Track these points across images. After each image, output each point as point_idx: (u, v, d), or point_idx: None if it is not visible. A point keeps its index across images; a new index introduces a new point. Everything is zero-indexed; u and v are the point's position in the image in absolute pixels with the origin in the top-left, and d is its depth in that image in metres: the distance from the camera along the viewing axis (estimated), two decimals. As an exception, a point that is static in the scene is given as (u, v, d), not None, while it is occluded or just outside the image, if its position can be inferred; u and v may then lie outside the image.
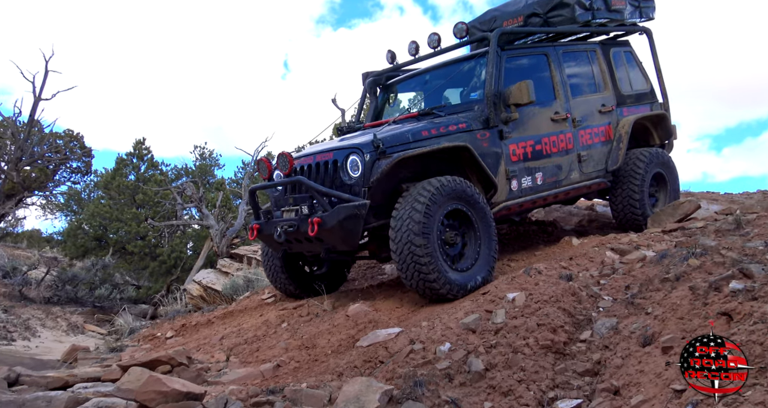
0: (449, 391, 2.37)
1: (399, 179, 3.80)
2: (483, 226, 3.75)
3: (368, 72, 5.32)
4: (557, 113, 4.56)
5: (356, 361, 2.94)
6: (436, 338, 2.86)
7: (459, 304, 3.35)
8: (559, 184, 4.53)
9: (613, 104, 5.03)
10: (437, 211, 3.48)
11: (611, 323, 2.53)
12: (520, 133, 4.27)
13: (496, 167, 4.09)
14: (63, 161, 10.74)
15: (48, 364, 3.61)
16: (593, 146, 4.80)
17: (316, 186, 3.63)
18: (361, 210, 3.49)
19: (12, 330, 4.83)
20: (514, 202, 4.22)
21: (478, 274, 3.65)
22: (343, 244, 3.70)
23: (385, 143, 3.65)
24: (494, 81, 4.15)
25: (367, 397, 2.27)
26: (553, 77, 4.66)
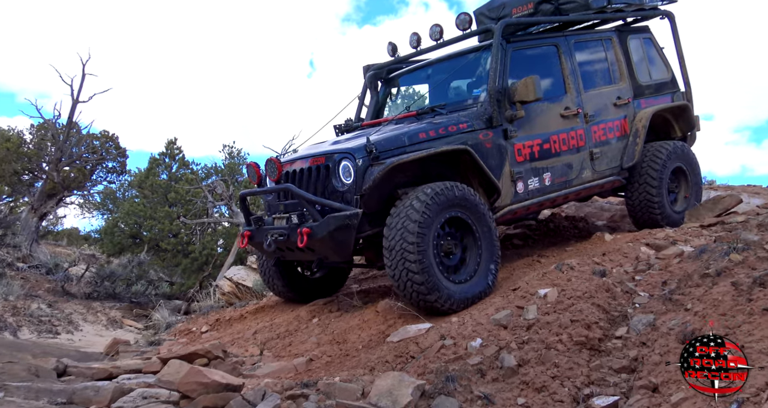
0: (481, 387, 2.37)
1: (395, 185, 3.58)
2: (484, 235, 3.52)
3: (369, 65, 5.06)
4: (567, 109, 4.25)
5: (387, 356, 2.96)
6: (467, 334, 2.86)
7: (489, 300, 3.34)
8: (570, 184, 4.27)
9: (630, 96, 4.71)
10: (434, 221, 3.27)
11: (648, 320, 2.48)
12: (527, 132, 4.00)
13: (500, 169, 3.84)
14: (99, 161, 11.14)
15: (92, 356, 3.76)
16: (607, 142, 4.49)
17: (304, 194, 3.44)
18: (353, 220, 3.29)
19: (56, 324, 5.04)
20: (519, 206, 3.98)
21: (477, 285, 3.44)
22: (335, 255, 3.53)
23: (379, 147, 3.42)
24: (498, 77, 3.88)
25: (400, 392, 2.29)
26: (564, 70, 4.34)
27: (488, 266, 3.51)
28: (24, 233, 8.51)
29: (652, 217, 4.59)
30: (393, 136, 3.60)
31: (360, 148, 3.42)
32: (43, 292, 6.30)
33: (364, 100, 5.04)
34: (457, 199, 3.41)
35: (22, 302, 5.14)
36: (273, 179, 3.69)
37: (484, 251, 3.51)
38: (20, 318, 4.72)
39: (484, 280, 3.48)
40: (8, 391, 2.24)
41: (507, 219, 4.06)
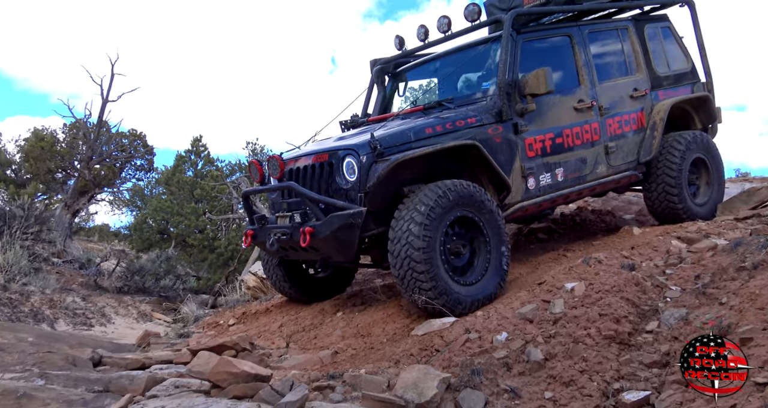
0: (508, 380, 2.36)
1: (401, 182, 3.46)
2: (493, 235, 3.39)
3: (376, 59, 4.92)
4: (581, 101, 4.10)
5: (412, 349, 2.97)
6: (492, 328, 2.85)
7: (515, 294, 3.31)
8: (584, 180, 4.11)
9: (647, 87, 4.53)
10: (440, 221, 3.15)
11: (680, 314, 2.42)
12: (538, 126, 3.86)
13: (510, 165, 3.70)
14: (128, 159, 11.45)
15: (124, 347, 3.88)
16: (623, 136, 4.33)
17: (307, 192, 3.33)
18: (357, 219, 3.18)
19: (90, 316, 5.21)
20: (531, 202, 3.83)
21: (486, 287, 3.31)
22: (339, 255, 3.42)
23: (384, 144, 3.30)
24: (508, 69, 3.74)
25: (426, 384, 2.29)
26: (577, 61, 4.19)
27: (498, 267, 3.39)
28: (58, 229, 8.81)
29: (673, 211, 4.41)
30: (398, 131, 3.47)
31: (364, 144, 3.30)
32: (77, 286, 6.52)
33: (371, 96, 4.94)
34: (465, 198, 3.28)
35: (58, 295, 5.33)
36: (275, 177, 3.60)
37: (493, 251, 3.39)
38: (57, 310, 4.90)
39: (495, 282, 3.37)
40: (49, 379, 2.33)
41: (518, 216, 3.92)
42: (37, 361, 2.68)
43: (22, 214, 6.60)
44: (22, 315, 4.33)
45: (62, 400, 2.07)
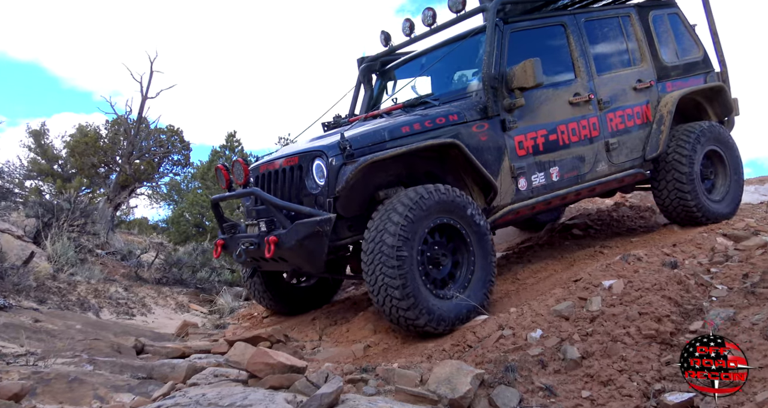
0: (543, 378, 2.32)
1: (377, 185, 3.23)
2: (478, 243, 3.15)
3: (363, 57, 4.66)
4: (577, 95, 3.82)
5: (444, 345, 2.96)
6: (526, 325, 2.82)
7: (549, 291, 3.25)
8: (582, 179, 3.82)
9: (653, 79, 4.22)
10: (417, 229, 2.91)
11: (727, 314, 2.32)
12: (529, 122, 3.60)
13: (498, 164, 3.44)
14: (166, 154, 11.82)
15: (164, 336, 4.02)
16: (626, 131, 4.04)
17: (271, 199, 3.11)
18: (324, 226, 2.92)
19: (132, 306, 5.41)
20: (522, 205, 3.56)
21: (469, 301, 3.07)
22: (307, 266, 3.17)
23: (355, 144, 3.06)
24: (494, 62, 3.49)
25: (459, 380, 2.28)
26: (572, 52, 3.91)
27: (483, 278, 3.14)
28: (101, 222, 9.18)
29: (687, 210, 4.07)
30: (371, 131, 3.21)
31: (333, 145, 3.06)
32: (120, 276, 6.78)
33: (358, 95, 4.68)
34: (446, 204, 3.04)
35: (102, 285, 5.56)
36: (240, 183, 3.34)
37: (477, 262, 3.14)
38: (101, 300, 5.11)
39: (479, 295, 3.11)
40: (96, 364, 2.44)
41: (509, 220, 3.67)
42: (85, 347, 2.81)
43: (68, 207, 6.91)
44: (70, 303, 4.54)
45: (109, 385, 2.17)
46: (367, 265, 2.88)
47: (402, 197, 2.98)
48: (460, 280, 3.12)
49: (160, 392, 2.07)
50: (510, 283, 4.00)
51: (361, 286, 5.52)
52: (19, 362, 2.31)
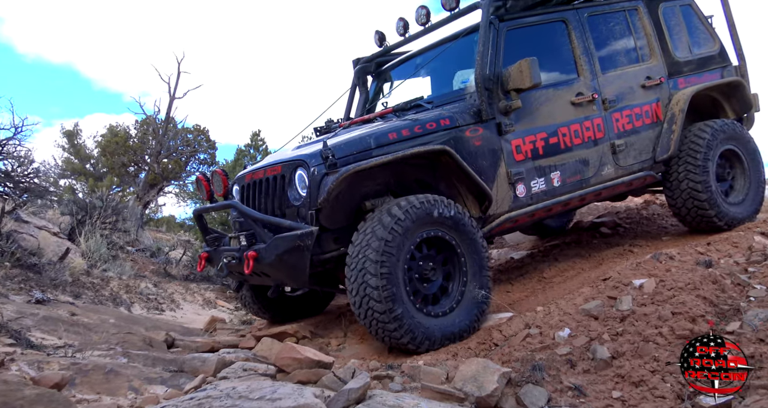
0: (572, 378, 2.29)
1: (363, 195, 3.07)
2: (470, 256, 2.98)
3: (358, 59, 4.51)
4: (580, 95, 3.63)
5: (470, 343, 2.95)
6: (554, 323, 2.78)
7: (577, 289, 3.20)
8: (586, 184, 3.62)
9: (663, 75, 4.00)
10: (404, 243, 2.74)
11: (767, 314, 2.24)
12: (527, 125, 3.42)
13: (494, 170, 3.26)
14: (192, 153, 12.07)
15: (193, 331, 4.11)
16: (634, 132, 3.82)
17: (249, 212, 2.97)
18: (306, 240, 2.75)
19: (161, 302, 5.55)
20: (521, 212, 3.37)
21: (459, 319, 2.88)
22: (290, 280, 3.04)
23: (339, 153, 2.89)
24: (489, 62, 3.31)
25: (485, 378, 2.27)
26: (574, 49, 3.71)
27: (475, 294, 2.97)
28: (131, 220, 9.44)
29: (702, 215, 3.83)
30: (356, 138, 3.05)
31: (315, 154, 2.90)
32: (149, 273, 6.96)
33: (353, 98, 4.50)
34: (436, 216, 2.87)
35: (133, 281, 5.72)
36: (219, 194, 3.23)
37: (470, 277, 2.98)
38: (132, 295, 5.26)
39: (470, 313, 2.93)
40: (131, 357, 2.52)
41: (506, 228, 3.46)
42: (119, 340, 2.90)
43: (100, 205, 7.12)
44: (103, 298, 4.68)
45: (143, 377, 2.23)
46: (350, 282, 2.73)
47: (391, 207, 2.81)
48: (451, 297, 2.94)
49: (191, 385, 2.12)
50: (536, 282, 3.96)
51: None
52: (58, 354, 2.39)
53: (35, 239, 5.19)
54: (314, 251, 2.89)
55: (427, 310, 2.83)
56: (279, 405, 1.69)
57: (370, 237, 2.72)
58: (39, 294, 3.72)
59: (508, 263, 4.92)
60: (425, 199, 2.89)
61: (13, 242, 4.63)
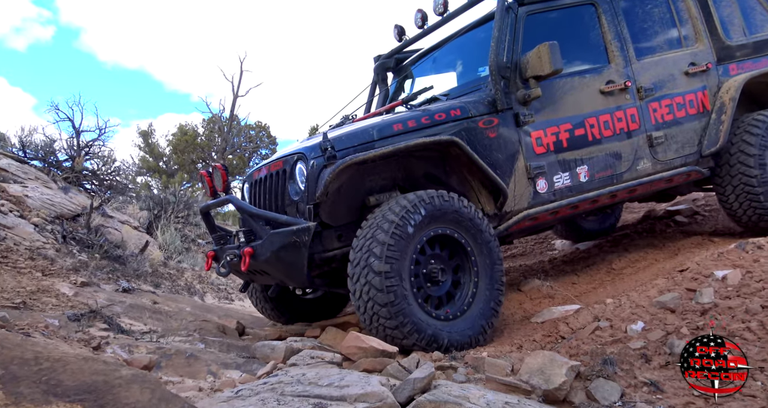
0: (647, 373, 2.18)
1: (368, 190, 2.92)
2: (482, 256, 2.78)
3: (379, 55, 4.32)
4: (610, 83, 3.34)
5: (535, 335, 2.89)
6: (625, 316, 2.66)
7: (651, 281, 3.04)
8: (619, 180, 3.33)
9: (711, 61, 3.65)
10: (410, 241, 2.57)
11: None
12: (549, 116, 3.17)
13: (511, 164, 3.05)
14: (255, 149, 12.58)
15: (261, 320, 4.31)
16: (675, 123, 3.49)
17: (246, 207, 2.89)
18: (303, 236, 2.60)
19: (230, 292, 5.85)
20: (542, 209, 3.11)
21: (470, 323, 2.68)
22: (288, 279, 2.88)
23: (339, 145, 2.75)
24: (504, 48, 3.10)
25: (553, 371, 2.21)
26: (605, 35, 3.43)
27: (488, 296, 2.78)
28: (201, 214, 10.00)
29: (760, 213, 3.49)
30: (358, 130, 2.89)
31: (315, 147, 2.78)
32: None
33: (373, 96, 4.32)
34: (445, 212, 2.69)
35: (205, 273, 6.07)
36: (220, 190, 3.14)
37: (481, 277, 2.77)
38: (204, 285, 5.59)
39: (482, 317, 2.74)
40: (207, 343, 2.69)
41: (526, 226, 3.21)
42: (196, 328, 3.10)
43: (173, 201, 7.60)
44: (179, 288, 5.01)
45: (220, 362, 2.38)
46: (352, 279, 2.58)
47: (393, 204, 2.64)
48: (462, 299, 2.75)
49: (264, 370, 2.23)
50: (604, 274, 3.80)
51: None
52: (144, 339, 2.60)
53: (119, 233, 5.63)
54: (316, 249, 2.79)
55: (435, 313, 2.64)
56: (347, 392, 1.74)
57: (377, 231, 2.55)
58: (125, 283, 4.05)
59: (573, 254, 4.75)
60: (435, 194, 2.72)
61: (101, 236, 5.06)
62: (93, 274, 4.01)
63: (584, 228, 5.09)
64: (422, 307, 2.59)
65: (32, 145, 6.85)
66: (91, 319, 2.65)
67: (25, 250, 3.90)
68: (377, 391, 1.74)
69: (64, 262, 3.97)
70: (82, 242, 4.74)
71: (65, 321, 2.55)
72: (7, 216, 4.40)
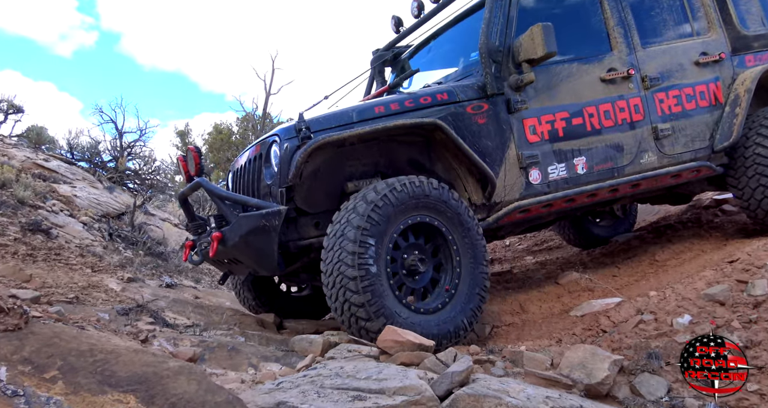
0: (696, 368, 2.10)
1: (348, 176, 2.81)
2: (464, 245, 2.63)
3: (377, 49, 4.18)
4: (612, 70, 3.17)
5: (575, 328, 2.83)
6: (671, 309, 2.57)
7: (697, 273, 2.92)
8: (620, 173, 3.13)
9: (724, 51, 3.44)
10: (386, 229, 2.43)
11: None
12: (544, 103, 3.00)
13: (501, 152, 2.89)
14: (287, 147, 12.75)
15: (298, 313, 4.38)
16: (684, 115, 3.30)
17: (214, 189, 2.71)
18: (272, 220, 2.47)
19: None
20: (534, 201, 2.94)
21: (451, 317, 2.54)
22: (258, 266, 2.72)
23: (314, 126, 2.64)
24: (495, 31, 2.96)
25: (595, 365, 2.16)
26: (607, 20, 3.26)
27: (470, 288, 2.63)
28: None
29: None
30: (337, 112, 2.79)
31: (289, 128, 2.68)
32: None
33: (371, 90, 4.18)
34: (424, 199, 2.55)
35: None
36: (193, 173, 3.02)
37: (464, 268, 2.62)
38: (243, 280, 5.73)
39: (464, 310, 2.59)
40: (247, 337, 2.76)
41: (517, 219, 3.05)
42: (236, 321, 3.19)
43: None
44: (217, 283, 5.17)
45: (260, 355, 2.44)
46: (324, 270, 2.45)
47: (370, 190, 2.52)
48: (443, 291, 2.62)
49: (303, 363, 2.27)
50: (647, 265, 3.68)
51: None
52: (188, 332, 2.69)
53: (161, 230, 5.84)
54: (291, 236, 2.71)
55: (417, 306, 2.51)
56: (385, 385, 1.75)
57: (352, 215, 2.43)
58: (168, 279, 4.20)
59: (613, 246, 4.61)
60: (414, 180, 2.58)
61: (144, 233, 5.26)
62: (138, 270, 4.17)
63: (594, 233, 4.85)
64: (400, 299, 2.47)
65: (79, 147, 7.18)
66: (138, 313, 2.76)
67: (75, 247, 4.10)
68: (416, 384, 1.74)
69: (111, 258, 4.15)
70: (126, 239, 4.94)
71: (115, 315, 2.67)
72: (58, 215, 4.63)
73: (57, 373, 1.24)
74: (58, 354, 1.31)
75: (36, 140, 6.75)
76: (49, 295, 2.64)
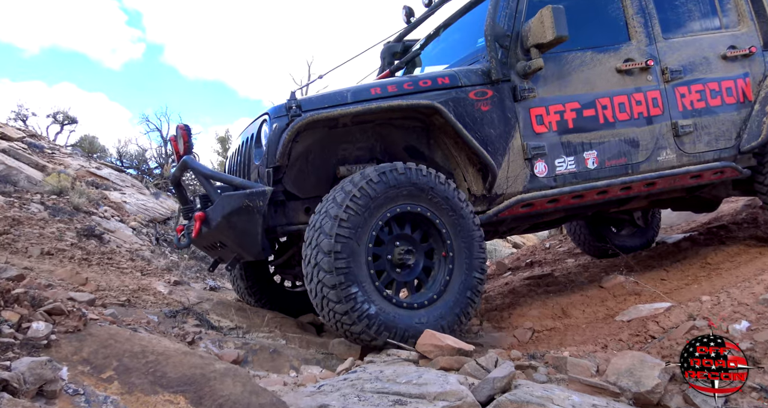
0: (757, 378, 1.99)
1: (341, 160, 2.71)
2: (457, 236, 2.47)
3: (389, 41, 4.09)
4: (629, 61, 2.99)
5: (621, 334, 2.74)
6: (726, 315, 2.45)
7: (755, 277, 2.77)
8: (634, 170, 2.95)
9: (756, 45, 3.23)
10: (369, 219, 2.29)
11: None
12: (554, 92, 2.85)
13: (504, 141, 2.74)
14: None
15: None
16: (708, 111, 3.10)
17: (198, 167, 2.57)
18: (256, 201, 2.38)
19: (307, 288, 6.06)
20: (540, 195, 2.79)
21: (441, 313, 2.39)
22: (242, 250, 2.57)
23: (306, 106, 2.53)
24: (504, 14, 2.83)
25: (643, 373, 2.08)
26: (626, 9, 3.09)
27: (464, 283, 2.47)
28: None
29: None
30: (332, 92, 2.66)
31: (280, 107, 2.57)
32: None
33: None
34: (412, 186, 2.40)
35: (282, 270, 6.34)
36: (182, 153, 2.88)
37: (457, 262, 2.47)
38: (282, 283, 5.84)
39: (455, 307, 2.44)
40: (288, 339, 2.81)
41: (520, 213, 2.89)
42: (277, 324, 3.25)
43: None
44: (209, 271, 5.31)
45: (300, 357, 2.48)
46: (304, 260, 2.34)
47: (355, 175, 2.38)
48: (434, 286, 2.48)
49: (343, 367, 2.29)
50: (698, 269, 3.52)
51: (517, 271, 5.37)
52: (232, 334, 2.77)
53: (204, 235, 6.02)
54: (278, 221, 2.62)
55: (398, 300, 2.36)
56: (426, 390, 1.75)
57: (331, 204, 2.31)
58: (212, 282, 4.33)
59: (660, 248, 4.43)
60: (402, 165, 2.45)
61: (188, 238, 5.44)
62: (183, 274, 4.32)
63: (614, 243, 4.64)
64: (381, 292, 2.33)
65: (128, 155, 7.52)
66: (184, 316, 2.86)
67: (125, 251, 4.29)
68: (456, 389, 1.72)
69: (158, 262, 4.32)
70: (172, 244, 5.13)
71: (163, 317, 2.77)
72: (110, 221, 4.86)
73: (113, 374, 1.30)
74: (113, 355, 1.37)
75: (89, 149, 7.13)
76: (103, 298, 2.77)
